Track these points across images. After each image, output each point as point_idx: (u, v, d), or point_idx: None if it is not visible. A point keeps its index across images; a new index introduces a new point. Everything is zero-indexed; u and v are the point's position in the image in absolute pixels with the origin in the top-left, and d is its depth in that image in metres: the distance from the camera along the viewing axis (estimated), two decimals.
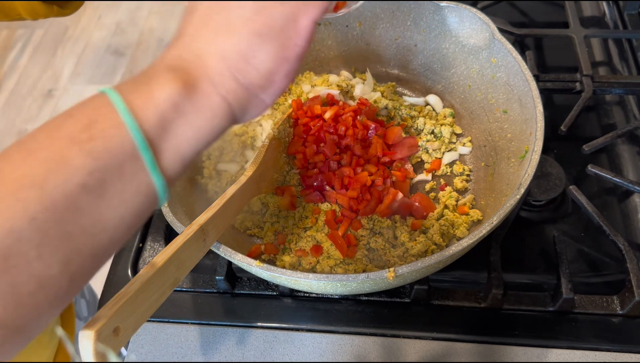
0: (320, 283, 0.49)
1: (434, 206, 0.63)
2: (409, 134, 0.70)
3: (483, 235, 0.49)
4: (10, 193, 0.28)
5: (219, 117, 0.34)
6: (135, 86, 0.33)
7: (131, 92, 0.32)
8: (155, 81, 0.33)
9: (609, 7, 0.90)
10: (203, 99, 0.33)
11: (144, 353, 0.59)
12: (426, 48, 0.73)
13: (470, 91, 0.70)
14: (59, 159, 0.29)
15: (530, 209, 0.67)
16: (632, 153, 0.71)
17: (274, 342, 0.59)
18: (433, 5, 0.69)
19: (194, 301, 0.62)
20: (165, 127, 0.32)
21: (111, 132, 0.30)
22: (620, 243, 0.58)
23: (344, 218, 0.62)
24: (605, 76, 0.76)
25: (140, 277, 0.37)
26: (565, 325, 0.57)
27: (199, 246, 0.45)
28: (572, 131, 0.70)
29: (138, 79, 0.33)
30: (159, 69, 0.34)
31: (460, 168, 0.67)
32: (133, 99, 0.32)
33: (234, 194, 0.51)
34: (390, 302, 0.60)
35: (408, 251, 0.59)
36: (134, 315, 0.36)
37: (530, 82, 0.59)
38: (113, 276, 0.65)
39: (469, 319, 0.59)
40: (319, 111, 0.68)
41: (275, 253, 0.61)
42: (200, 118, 0.33)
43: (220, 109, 0.34)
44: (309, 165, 0.66)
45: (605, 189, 0.69)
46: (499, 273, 0.58)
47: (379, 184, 0.63)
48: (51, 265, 0.29)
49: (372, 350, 0.57)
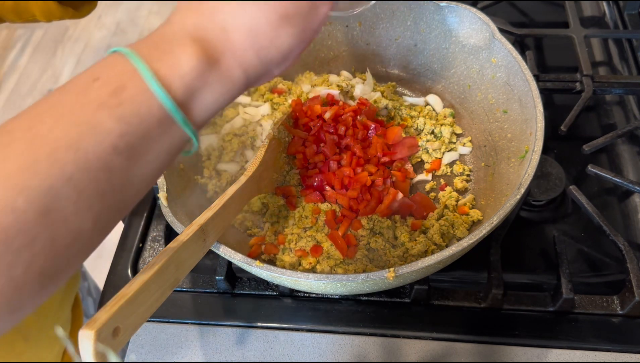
0: (320, 283, 0.49)
1: (434, 206, 0.63)
2: (409, 134, 0.70)
3: (483, 235, 0.49)
4: (48, 154, 0.30)
5: (237, 87, 0.36)
6: (157, 52, 0.33)
7: (156, 60, 0.33)
8: (180, 50, 0.34)
9: (609, 7, 0.90)
10: (225, 72, 0.35)
11: (144, 353, 0.59)
12: (426, 48, 0.73)
13: (470, 91, 0.70)
14: (91, 123, 0.31)
15: (530, 209, 0.67)
16: (632, 153, 0.71)
17: (274, 342, 0.59)
18: (433, 5, 0.69)
19: (194, 301, 0.62)
20: (190, 95, 0.34)
21: (139, 99, 0.32)
22: (620, 243, 0.58)
23: (344, 218, 0.62)
24: (605, 76, 0.76)
25: (140, 277, 0.37)
26: (565, 325, 0.57)
27: (199, 246, 0.45)
28: (572, 131, 0.70)
29: (159, 44, 0.34)
30: (180, 36, 0.34)
31: (460, 168, 0.67)
32: (159, 67, 0.33)
33: (234, 194, 0.51)
34: (390, 302, 0.60)
35: (408, 251, 0.59)
36: (134, 315, 0.36)
37: (530, 82, 0.59)
38: (113, 276, 0.65)
39: (469, 319, 0.59)
40: (319, 111, 0.68)
41: (275, 253, 0.61)
42: (222, 87, 0.35)
43: (239, 80, 0.36)
44: (309, 165, 0.66)
45: (605, 189, 0.69)
46: (499, 273, 0.58)
47: (379, 184, 0.63)
48: (85, 220, 0.31)
49: (372, 350, 0.57)
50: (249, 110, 0.72)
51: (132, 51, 0.33)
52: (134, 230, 0.68)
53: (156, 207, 0.71)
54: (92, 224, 0.32)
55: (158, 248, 0.67)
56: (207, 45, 0.34)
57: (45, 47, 2.34)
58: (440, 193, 0.65)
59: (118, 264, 0.66)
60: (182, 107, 0.34)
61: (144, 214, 0.69)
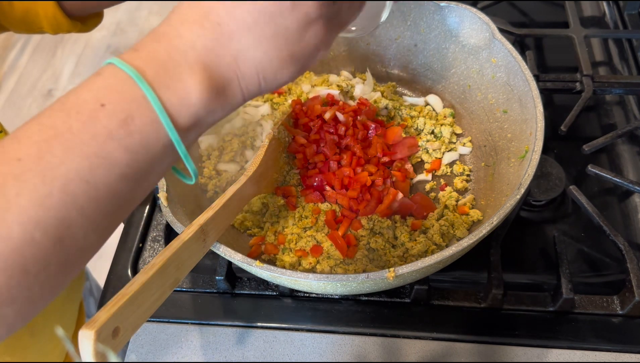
0: (320, 283, 0.49)
1: (434, 206, 0.63)
2: (409, 134, 0.70)
3: (483, 235, 0.49)
4: (60, 188, 0.31)
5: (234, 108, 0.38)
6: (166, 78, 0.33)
7: (165, 87, 0.33)
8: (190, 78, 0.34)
9: (609, 7, 0.90)
10: (229, 99, 0.36)
11: (144, 353, 0.59)
12: (426, 48, 0.73)
13: (470, 91, 0.70)
14: (101, 155, 0.32)
15: (530, 209, 0.67)
16: (632, 153, 0.71)
17: (274, 342, 0.59)
18: (433, 5, 0.69)
19: (194, 301, 0.62)
20: (194, 123, 0.35)
21: (148, 129, 0.33)
22: (620, 243, 0.58)
23: (344, 218, 0.62)
24: (605, 76, 0.76)
25: (140, 277, 0.37)
26: (565, 325, 0.57)
27: (199, 246, 0.45)
28: (572, 131, 0.70)
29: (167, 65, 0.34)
30: (190, 59, 0.34)
31: (460, 168, 0.67)
32: (168, 97, 0.33)
33: (234, 194, 0.51)
34: (390, 302, 0.60)
35: (408, 251, 0.59)
36: (134, 315, 0.36)
37: (530, 82, 0.59)
38: (113, 276, 0.65)
39: (469, 319, 0.59)
40: (319, 111, 0.68)
41: (275, 253, 0.61)
42: (222, 112, 0.37)
43: (238, 104, 0.38)
44: (309, 165, 0.66)
45: (605, 189, 0.68)
46: (499, 273, 0.58)
47: (379, 184, 0.63)
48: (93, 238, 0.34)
49: (372, 350, 0.57)
50: (249, 110, 0.72)
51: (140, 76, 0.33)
52: (134, 230, 0.68)
53: (156, 207, 0.71)
54: (97, 239, 0.34)
55: (158, 248, 0.67)
56: (217, 73, 0.35)
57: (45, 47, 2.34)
58: (440, 193, 0.65)
59: (118, 264, 0.66)
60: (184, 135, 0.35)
61: (144, 215, 0.69)
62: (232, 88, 0.36)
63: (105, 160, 0.32)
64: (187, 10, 0.35)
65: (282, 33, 0.35)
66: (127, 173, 0.33)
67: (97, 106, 0.32)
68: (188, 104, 0.34)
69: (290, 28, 0.35)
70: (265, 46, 0.35)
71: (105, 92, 0.33)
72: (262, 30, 0.34)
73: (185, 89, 0.34)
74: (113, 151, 0.32)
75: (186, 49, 0.34)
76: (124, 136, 0.32)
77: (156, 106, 0.33)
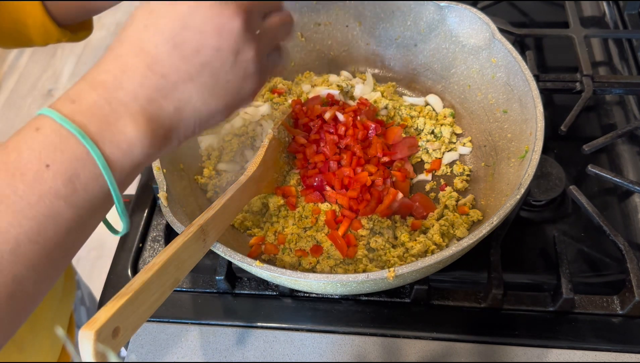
0: (320, 283, 0.49)
1: (434, 206, 0.63)
2: (409, 134, 0.70)
3: (483, 235, 0.49)
4: (11, 251, 0.32)
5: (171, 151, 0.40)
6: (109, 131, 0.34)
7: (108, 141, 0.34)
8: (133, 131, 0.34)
9: (609, 7, 0.90)
10: (168, 144, 0.38)
11: (144, 353, 0.59)
12: (426, 48, 0.73)
13: (470, 91, 0.70)
14: (49, 215, 0.33)
15: (530, 209, 0.67)
16: (632, 153, 0.71)
17: (274, 342, 0.59)
18: (433, 5, 0.69)
19: (194, 301, 0.62)
20: (135, 170, 0.37)
21: (92, 184, 0.34)
22: (620, 243, 0.58)
23: (344, 218, 0.62)
24: (605, 76, 0.76)
25: (140, 277, 0.37)
26: (565, 325, 0.57)
27: (199, 246, 0.45)
28: (572, 131, 0.70)
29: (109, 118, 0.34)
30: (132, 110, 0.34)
31: (460, 168, 0.67)
32: (112, 151, 0.34)
33: (234, 194, 0.51)
34: (390, 302, 0.60)
35: (408, 251, 0.59)
36: (134, 315, 0.36)
37: (530, 82, 0.59)
38: (113, 276, 0.65)
39: (469, 319, 0.59)
40: (319, 111, 0.68)
41: (275, 253, 0.61)
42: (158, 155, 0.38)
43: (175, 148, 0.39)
44: (309, 165, 0.66)
45: (605, 189, 0.68)
46: (499, 273, 0.58)
47: (379, 184, 0.63)
48: (42, 287, 0.35)
49: (372, 350, 0.57)
50: (249, 110, 0.71)
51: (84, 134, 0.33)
52: (134, 230, 0.68)
53: (156, 207, 0.71)
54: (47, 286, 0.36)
55: (158, 248, 0.67)
56: (159, 123, 0.36)
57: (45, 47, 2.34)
58: (440, 193, 0.65)
59: (118, 264, 0.66)
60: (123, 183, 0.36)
61: (144, 215, 0.69)
62: (171, 135, 0.37)
63: (53, 219, 0.33)
64: (128, 59, 0.35)
65: (222, 85, 0.37)
66: (73, 227, 0.34)
67: (42, 167, 0.32)
68: (131, 156, 0.35)
69: (231, 81, 0.37)
70: (206, 96, 0.37)
71: (47, 152, 0.33)
72: (205, 82, 0.36)
73: (127, 141, 0.34)
74: (61, 209, 0.33)
75: (128, 101, 0.34)
76: (70, 193, 0.33)
77: (101, 164, 0.33)
